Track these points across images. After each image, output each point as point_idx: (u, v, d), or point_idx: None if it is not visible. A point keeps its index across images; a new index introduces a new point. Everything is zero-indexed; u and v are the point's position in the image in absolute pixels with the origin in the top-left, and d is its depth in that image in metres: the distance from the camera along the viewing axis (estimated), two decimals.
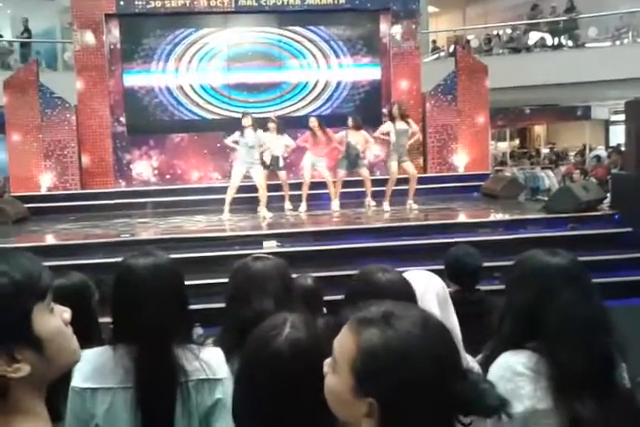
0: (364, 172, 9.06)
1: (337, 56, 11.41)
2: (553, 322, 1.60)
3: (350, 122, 8.92)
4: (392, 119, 8.77)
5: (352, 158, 8.90)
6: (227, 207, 8.68)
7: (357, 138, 8.87)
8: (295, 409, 1.23)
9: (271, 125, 8.80)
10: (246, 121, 8.37)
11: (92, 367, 1.71)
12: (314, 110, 10.60)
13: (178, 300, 1.77)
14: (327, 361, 1.09)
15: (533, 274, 1.70)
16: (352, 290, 1.87)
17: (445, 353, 1.03)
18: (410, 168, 8.89)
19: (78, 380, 1.70)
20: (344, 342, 1.04)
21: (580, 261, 1.76)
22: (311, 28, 11.32)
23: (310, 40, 11.33)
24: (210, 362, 1.75)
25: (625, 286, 6.24)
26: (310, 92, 11.37)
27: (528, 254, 1.78)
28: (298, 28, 11.28)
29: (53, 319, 0.95)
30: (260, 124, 8.68)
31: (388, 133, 8.72)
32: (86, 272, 2.38)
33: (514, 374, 1.59)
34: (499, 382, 1.58)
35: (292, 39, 11.30)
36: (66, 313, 0.98)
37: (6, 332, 0.88)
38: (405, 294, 1.80)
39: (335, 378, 1.05)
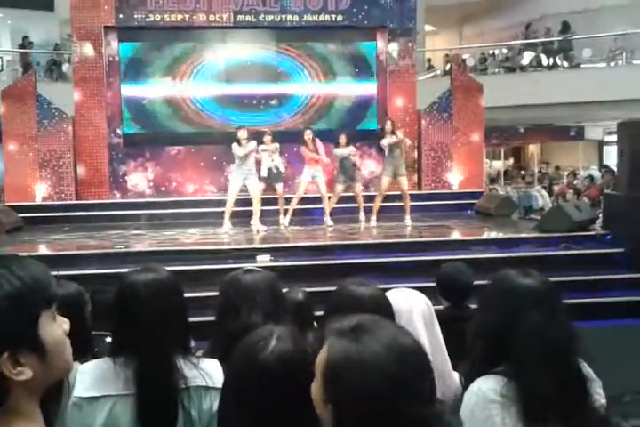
0: (357, 188, 9.14)
1: (333, 72, 11.51)
2: (519, 344, 1.59)
3: (341, 139, 9.04)
4: (383, 135, 8.83)
5: (348, 171, 8.98)
6: (227, 220, 8.75)
7: (346, 152, 9.00)
8: (281, 421, 1.24)
9: (267, 138, 8.93)
10: (242, 134, 8.48)
11: (93, 378, 1.74)
12: (309, 125, 10.64)
13: (178, 314, 1.80)
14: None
15: (503, 295, 1.69)
16: (330, 303, 1.88)
17: (405, 376, 1.02)
18: (402, 185, 8.90)
19: (80, 390, 1.72)
20: (321, 351, 1.09)
21: (552, 282, 1.74)
22: (308, 44, 11.44)
23: (307, 56, 11.44)
24: (209, 372, 1.77)
25: (616, 306, 6.26)
26: (306, 107, 11.46)
27: (500, 275, 1.76)
28: (295, 44, 11.40)
29: (57, 327, 0.97)
30: (256, 137, 8.77)
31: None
32: (79, 283, 2.38)
33: (486, 401, 1.58)
34: (474, 409, 1.58)
35: (290, 55, 11.40)
36: (65, 324, 1.00)
37: (14, 335, 0.90)
38: (380, 306, 1.81)
39: (314, 383, 1.10)
